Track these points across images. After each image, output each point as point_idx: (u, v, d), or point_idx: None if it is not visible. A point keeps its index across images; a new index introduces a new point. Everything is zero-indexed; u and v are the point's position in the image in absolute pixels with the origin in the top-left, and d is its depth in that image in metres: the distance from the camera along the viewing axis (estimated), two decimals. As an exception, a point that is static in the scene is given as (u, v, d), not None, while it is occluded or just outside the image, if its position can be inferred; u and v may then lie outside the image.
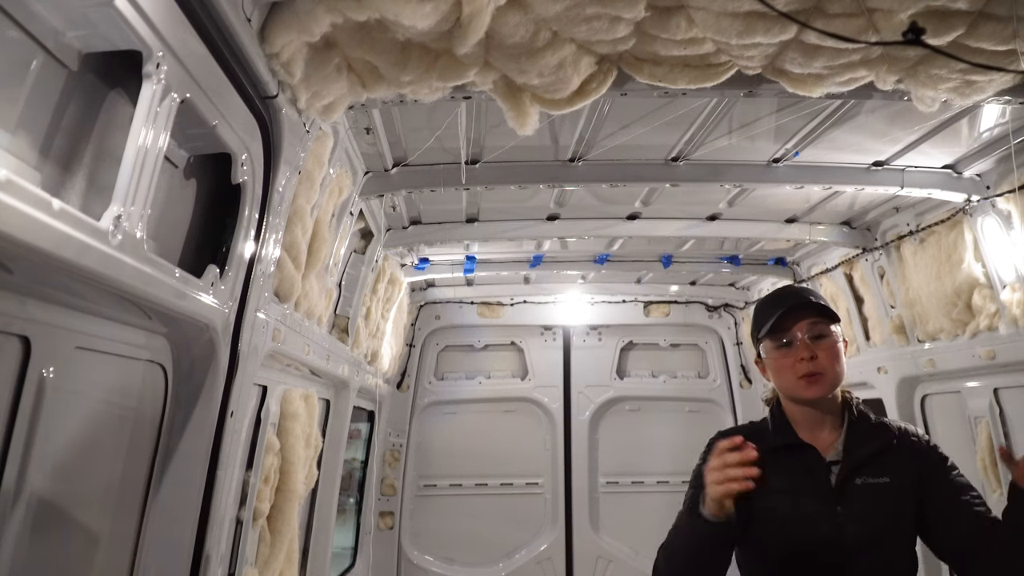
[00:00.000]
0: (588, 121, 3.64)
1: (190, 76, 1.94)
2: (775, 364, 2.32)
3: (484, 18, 2.20)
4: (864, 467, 2.22)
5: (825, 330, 2.28)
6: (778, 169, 4.21)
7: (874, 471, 2.21)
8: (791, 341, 2.28)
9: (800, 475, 2.24)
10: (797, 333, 2.27)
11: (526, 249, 6.12)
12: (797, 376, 2.25)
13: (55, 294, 1.86)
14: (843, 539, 2.14)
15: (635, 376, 8.17)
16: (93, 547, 2.27)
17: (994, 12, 2.30)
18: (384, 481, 7.59)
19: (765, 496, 2.21)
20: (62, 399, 1.95)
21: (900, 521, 2.19)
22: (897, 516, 2.18)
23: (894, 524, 2.17)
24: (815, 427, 2.31)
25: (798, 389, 2.27)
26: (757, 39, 2.38)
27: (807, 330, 2.26)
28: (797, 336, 2.27)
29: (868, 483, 2.19)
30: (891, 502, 2.18)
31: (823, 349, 2.25)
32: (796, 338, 2.27)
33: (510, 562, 7.70)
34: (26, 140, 1.66)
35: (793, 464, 2.26)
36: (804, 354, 2.24)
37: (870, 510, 2.16)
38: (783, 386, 2.33)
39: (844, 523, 2.16)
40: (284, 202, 2.82)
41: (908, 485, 2.21)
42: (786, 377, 2.29)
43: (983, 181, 4.07)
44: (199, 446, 2.55)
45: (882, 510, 2.17)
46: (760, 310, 2.41)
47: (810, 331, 2.26)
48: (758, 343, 2.39)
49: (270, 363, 3.42)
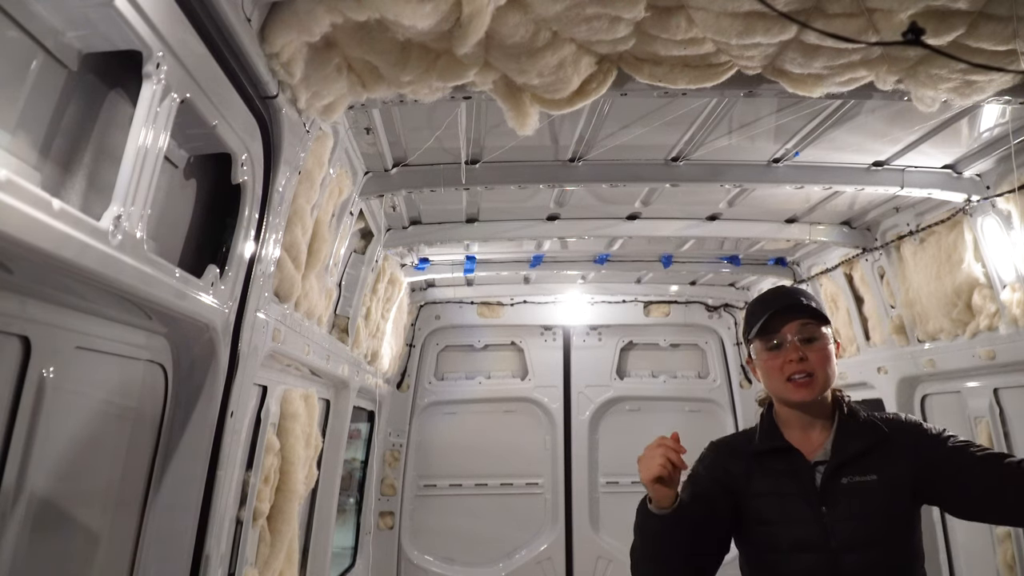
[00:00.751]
0: (588, 121, 3.64)
1: (190, 76, 1.94)
2: (765, 365, 2.31)
3: (484, 18, 2.20)
4: (850, 466, 2.20)
5: (816, 332, 2.26)
6: (778, 169, 4.21)
7: (860, 469, 2.19)
8: (781, 343, 2.26)
9: (786, 478, 2.24)
10: (787, 335, 2.25)
11: (526, 249, 6.12)
12: (786, 377, 2.24)
13: (55, 294, 1.86)
14: (830, 540, 2.13)
15: (635, 376, 8.17)
16: (93, 547, 2.27)
17: (994, 12, 2.30)
18: (384, 481, 7.59)
19: (753, 500, 2.26)
20: (62, 399, 1.95)
21: (891, 518, 2.16)
22: (887, 513, 2.16)
23: (884, 522, 2.15)
24: (806, 428, 2.30)
25: (787, 392, 2.26)
26: (757, 39, 2.38)
27: (797, 332, 2.25)
28: (787, 338, 2.25)
29: (854, 482, 2.18)
30: (879, 500, 2.16)
31: (813, 351, 2.24)
32: (786, 340, 2.25)
33: (510, 562, 7.70)
34: (26, 140, 1.66)
35: (779, 467, 2.26)
36: (793, 355, 2.23)
37: (856, 509, 2.15)
38: (772, 388, 2.32)
39: (830, 524, 2.14)
40: (284, 202, 2.82)
41: (901, 478, 2.18)
42: (775, 379, 2.28)
43: (983, 181, 4.07)
44: (199, 446, 2.55)
45: (869, 509, 2.15)
46: (751, 311, 2.40)
47: (800, 333, 2.25)
48: (749, 344, 2.38)
49: (270, 363, 3.42)
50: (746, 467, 2.30)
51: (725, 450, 2.42)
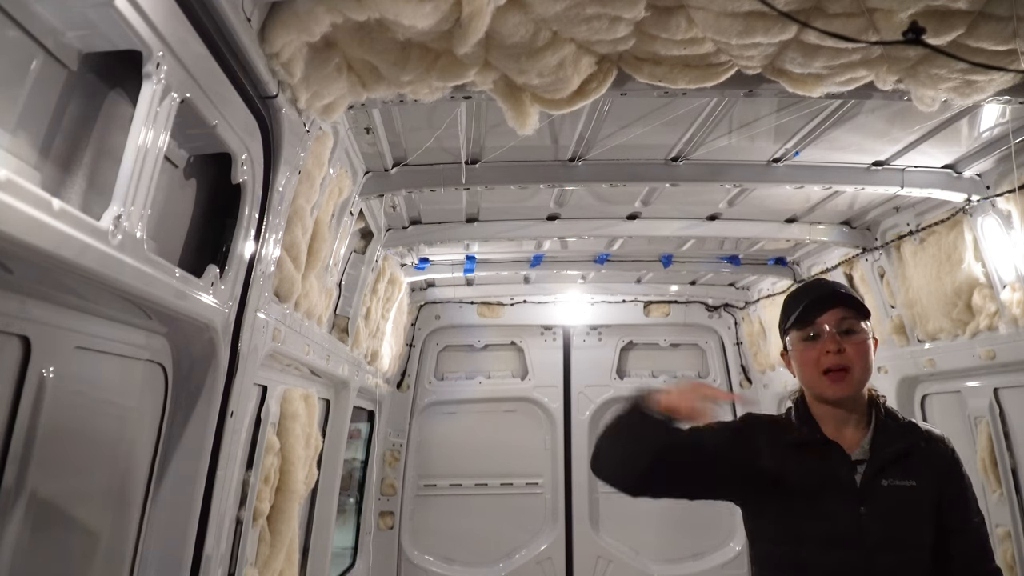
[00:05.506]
0: (588, 121, 3.63)
1: (190, 76, 1.94)
2: (800, 357, 2.25)
3: (484, 18, 2.20)
4: (890, 468, 2.17)
5: (855, 326, 2.20)
6: (778, 169, 4.21)
7: (901, 473, 2.16)
8: (818, 334, 2.21)
9: (823, 472, 2.19)
10: (825, 326, 2.20)
11: (526, 249, 6.11)
12: (822, 370, 2.19)
13: (55, 294, 1.86)
14: (864, 539, 2.11)
15: (635, 376, 8.16)
16: (93, 547, 2.27)
17: (994, 12, 2.30)
18: (384, 481, 7.59)
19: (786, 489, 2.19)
20: (62, 399, 1.95)
21: (924, 525, 2.15)
22: (921, 520, 2.14)
23: (918, 528, 2.13)
24: (840, 424, 2.24)
25: (822, 387, 2.21)
26: (757, 39, 2.38)
27: (836, 324, 2.20)
28: (825, 329, 2.20)
29: (895, 485, 2.15)
30: (916, 505, 2.14)
31: (852, 344, 2.18)
32: (824, 331, 2.20)
33: (510, 562, 7.70)
34: (26, 140, 1.66)
35: (816, 460, 2.21)
36: (831, 347, 2.17)
37: (896, 512, 2.12)
38: (807, 381, 2.26)
39: (867, 523, 2.12)
40: (284, 202, 2.82)
41: (932, 492, 2.17)
42: (810, 372, 2.22)
43: (983, 181, 4.07)
44: (199, 446, 2.55)
45: (907, 513, 2.13)
46: (788, 301, 2.34)
47: (839, 325, 2.19)
48: (784, 335, 2.33)
49: (270, 363, 3.42)
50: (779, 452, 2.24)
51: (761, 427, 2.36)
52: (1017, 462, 4.43)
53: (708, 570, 7.61)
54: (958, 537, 2.18)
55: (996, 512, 4.49)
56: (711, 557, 7.61)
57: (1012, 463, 4.44)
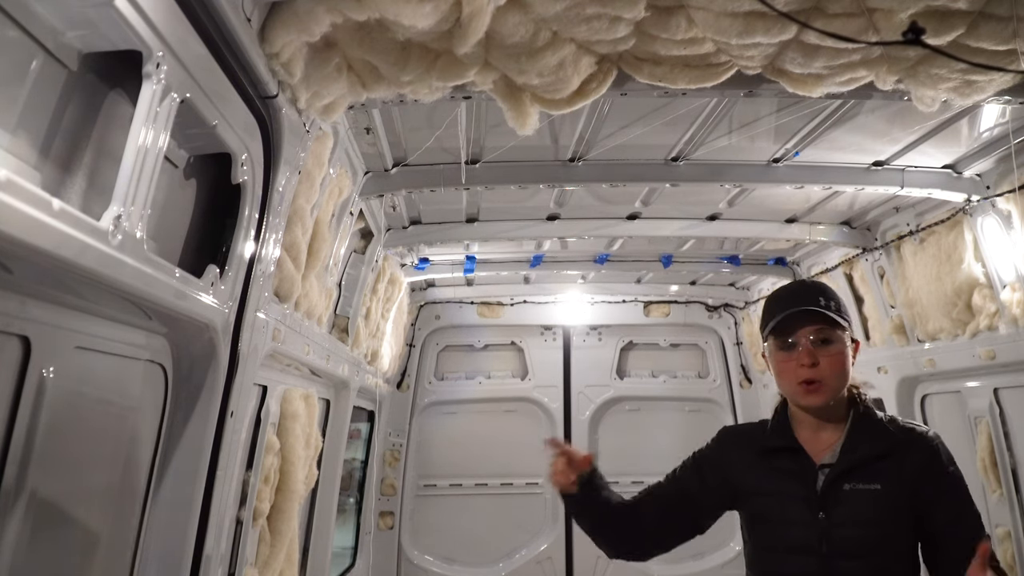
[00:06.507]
0: (588, 121, 3.63)
1: (190, 76, 1.94)
2: (777, 366, 2.27)
3: (484, 18, 2.20)
4: (856, 472, 2.15)
5: (832, 335, 2.20)
6: (778, 169, 4.21)
7: (866, 477, 2.14)
8: (795, 343, 2.21)
9: (790, 478, 2.21)
10: (801, 337, 2.20)
11: (526, 249, 6.11)
12: (797, 382, 2.20)
13: (55, 294, 1.86)
14: (824, 546, 2.10)
15: (635, 376, 8.17)
16: (93, 547, 2.27)
17: (994, 12, 2.30)
18: (384, 481, 7.59)
19: (753, 496, 2.27)
20: (62, 399, 1.95)
21: (892, 529, 2.11)
22: (888, 523, 2.11)
23: (883, 532, 2.10)
24: (817, 428, 2.25)
25: (798, 396, 2.23)
26: (757, 39, 2.38)
27: (812, 334, 2.19)
28: (801, 340, 2.20)
29: (857, 489, 2.13)
30: (882, 509, 2.11)
31: (827, 356, 2.18)
32: (799, 342, 2.20)
33: (510, 562, 7.70)
34: (26, 140, 1.66)
35: (785, 466, 2.24)
36: (805, 360, 2.17)
37: (856, 517, 2.10)
38: (784, 389, 2.29)
39: (827, 529, 2.11)
40: (284, 202, 2.82)
41: (905, 492, 2.13)
42: (787, 380, 2.24)
43: (983, 181, 4.07)
44: (199, 446, 2.55)
45: (869, 517, 2.10)
46: (768, 307, 2.34)
47: (815, 336, 2.19)
48: (764, 339, 2.35)
49: (270, 363, 3.42)
50: (750, 461, 2.29)
51: (733, 440, 2.43)
52: (1017, 462, 4.43)
53: (708, 570, 7.60)
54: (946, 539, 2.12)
55: (996, 512, 4.49)
56: (711, 557, 7.61)
57: (1012, 463, 4.44)
